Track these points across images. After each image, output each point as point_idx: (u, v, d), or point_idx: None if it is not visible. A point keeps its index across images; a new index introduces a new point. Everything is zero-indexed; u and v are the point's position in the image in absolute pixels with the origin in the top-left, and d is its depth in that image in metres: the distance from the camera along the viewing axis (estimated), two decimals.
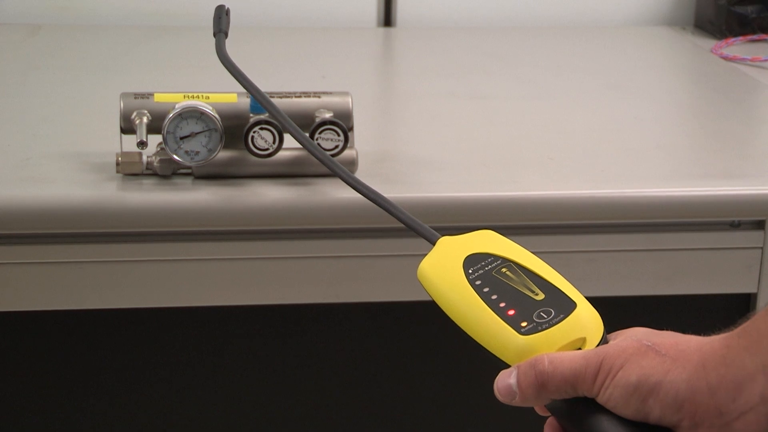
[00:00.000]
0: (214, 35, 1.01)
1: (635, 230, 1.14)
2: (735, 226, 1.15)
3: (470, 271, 0.72)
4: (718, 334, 0.66)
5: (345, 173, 0.85)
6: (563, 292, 0.71)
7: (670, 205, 1.12)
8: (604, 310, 0.72)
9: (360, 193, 0.83)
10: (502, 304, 0.70)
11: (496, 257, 0.73)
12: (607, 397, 0.65)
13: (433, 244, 0.76)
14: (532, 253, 0.74)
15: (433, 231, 0.77)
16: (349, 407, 1.21)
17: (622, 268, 1.14)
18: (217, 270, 1.09)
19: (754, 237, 1.15)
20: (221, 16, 1.02)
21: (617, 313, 0.78)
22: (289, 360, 1.18)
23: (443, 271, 0.73)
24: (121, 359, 1.16)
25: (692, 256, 1.15)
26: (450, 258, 0.73)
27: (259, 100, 0.98)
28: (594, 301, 0.72)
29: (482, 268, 0.72)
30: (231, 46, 1.02)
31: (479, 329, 0.70)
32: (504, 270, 0.72)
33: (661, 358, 0.64)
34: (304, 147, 0.92)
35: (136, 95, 1.08)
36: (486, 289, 0.71)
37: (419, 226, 0.78)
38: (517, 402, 0.68)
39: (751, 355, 0.62)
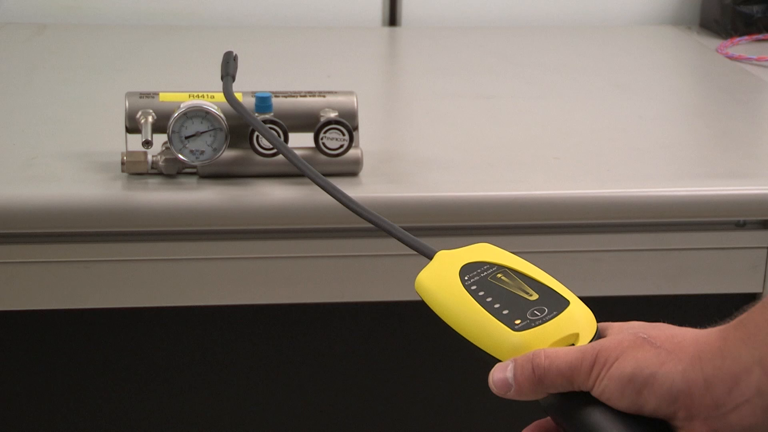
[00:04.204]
0: (222, 78, 1.04)
1: (640, 230, 1.13)
2: (740, 225, 1.15)
3: (466, 278, 0.74)
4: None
5: (344, 196, 0.86)
6: (557, 292, 0.72)
7: (675, 205, 1.12)
8: (609, 310, 0.72)
9: (358, 215, 0.84)
10: (497, 305, 0.71)
11: (491, 264, 0.75)
12: (601, 389, 0.65)
13: (431, 258, 0.77)
14: (532, 255, 0.75)
15: (430, 247, 0.78)
16: (352, 407, 1.21)
17: (627, 268, 1.14)
18: (222, 269, 1.09)
19: (760, 236, 1.15)
20: (229, 61, 1.06)
21: (622, 312, 0.78)
22: (293, 359, 1.18)
23: (440, 279, 0.74)
24: (126, 358, 1.16)
25: (698, 255, 1.14)
26: (447, 268, 0.75)
27: (273, 141, 1.00)
28: (598, 301, 0.72)
29: (478, 275, 0.74)
30: (237, 46, 1.02)
31: (474, 329, 0.71)
32: (499, 275, 0.74)
33: (656, 351, 0.64)
34: (306, 174, 0.93)
35: (141, 94, 1.08)
36: (481, 293, 0.72)
37: (417, 242, 0.80)
38: (511, 395, 0.68)
39: (748, 348, 0.62)
